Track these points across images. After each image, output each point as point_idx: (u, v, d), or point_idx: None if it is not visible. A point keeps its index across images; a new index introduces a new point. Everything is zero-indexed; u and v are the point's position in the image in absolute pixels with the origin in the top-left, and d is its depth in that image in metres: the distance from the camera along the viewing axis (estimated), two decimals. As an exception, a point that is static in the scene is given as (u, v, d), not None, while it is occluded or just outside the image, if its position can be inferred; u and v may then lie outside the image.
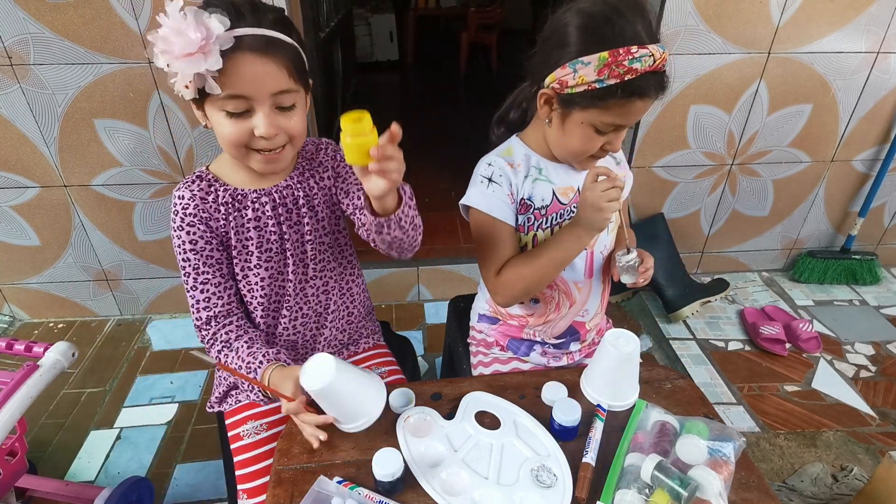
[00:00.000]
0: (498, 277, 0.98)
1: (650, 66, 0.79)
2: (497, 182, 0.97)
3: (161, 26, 0.73)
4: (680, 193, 2.07)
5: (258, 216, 0.93)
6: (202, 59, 0.72)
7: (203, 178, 0.92)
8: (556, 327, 1.09)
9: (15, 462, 1.18)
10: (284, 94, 0.80)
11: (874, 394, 1.73)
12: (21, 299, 2.00)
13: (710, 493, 0.69)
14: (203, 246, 0.91)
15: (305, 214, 0.97)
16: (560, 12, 0.85)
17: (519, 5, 5.35)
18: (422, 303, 2.17)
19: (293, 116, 0.83)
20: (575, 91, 0.83)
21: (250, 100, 0.79)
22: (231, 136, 0.81)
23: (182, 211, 0.89)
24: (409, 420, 0.83)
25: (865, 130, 1.99)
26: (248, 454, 0.95)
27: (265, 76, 0.78)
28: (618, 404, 0.85)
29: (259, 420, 1.00)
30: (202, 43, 0.71)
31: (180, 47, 0.71)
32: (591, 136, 0.88)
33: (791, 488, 1.43)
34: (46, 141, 1.67)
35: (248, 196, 0.93)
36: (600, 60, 0.79)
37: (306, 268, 1.00)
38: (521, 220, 0.99)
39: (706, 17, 1.71)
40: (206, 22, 0.71)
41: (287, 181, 0.95)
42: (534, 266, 0.95)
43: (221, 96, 0.77)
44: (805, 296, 2.20)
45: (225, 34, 0.72)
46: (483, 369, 1.14)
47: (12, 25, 1.49)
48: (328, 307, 1.06)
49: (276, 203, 0.94)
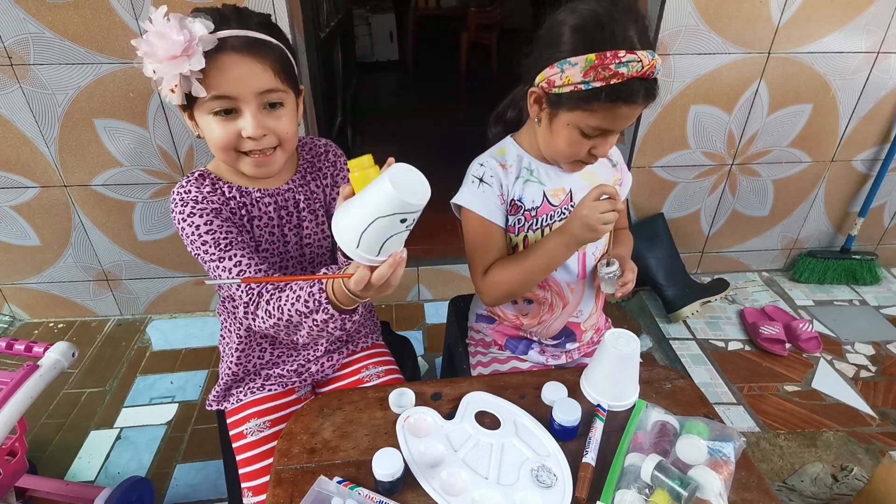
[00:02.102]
0: (484, 277, 1.00)
1: (638, 72, 0.78)
2: (488, 182, 0.98)
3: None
4: (680, 193, 2.07)
5: (261, 216, 0.94)
6: (185, 61, 0.73)
7: (206, 176, 0.91)
8: (551, 328, 1.09)
9: (15, 462, 1.18)
10: (270, 93, 0.81)
11: (874, 394, 1.73)
12: (21, 299, 2.00)
13: (710, 493, 0.69)
14: (220, 224, 0.86)
15: (305, 218, 0.97)
16: (558, 11, 0.85)
17: (519, 5, 5.36)
18: (422, 303, 2.17)
19: (281, 117, 0.83)
20: (562, 91, 0.83)
21: (236, 100, 0.79)
22: (220, 139, 0.81)
23: (192, 201, 0.86)
24: (409, 420, 0.83)
25: (865, 130, 1.99)
26: (251, 452, 0.95)
27: (250, 76, 0.78)
28: (618, 404, 0.85)
29: (262, 418, 1.00)
30: (185, 45, 0.72)
31: (164, 50, 0.72)
32: (578, 138, 0.88)
33: (791, 488, 1.43)
34: (46, 141, 1.67)
35: (253, 195, 0.93)
36: (587, 62, 0.79)
37: (304, 271, 1.01)
38: (512, 221, 1.00)
39: (706, 17, 1.71)
40: (189, 25, 0.72)
41: (289, 184, 0.96)
42: (519, 269, 0.97)
43: (207, 98, 0.78)
44: (805, 296, 2.20)
45: (208, 36, 0.73)
46: (482, 369, 1.14)
47: (12, 25, 1.49)
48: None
49: (279, 205, 0.95)
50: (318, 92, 1.88)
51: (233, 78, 0.77)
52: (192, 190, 0.88)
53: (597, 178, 1.02)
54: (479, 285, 1.01)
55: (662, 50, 1.74)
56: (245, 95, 0.79)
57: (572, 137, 0.89)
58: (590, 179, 1.01)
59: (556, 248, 0.93)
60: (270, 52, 0.80)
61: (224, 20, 0.77)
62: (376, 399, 0.88)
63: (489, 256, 0.99)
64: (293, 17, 1.61)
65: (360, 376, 1.09)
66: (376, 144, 3.45)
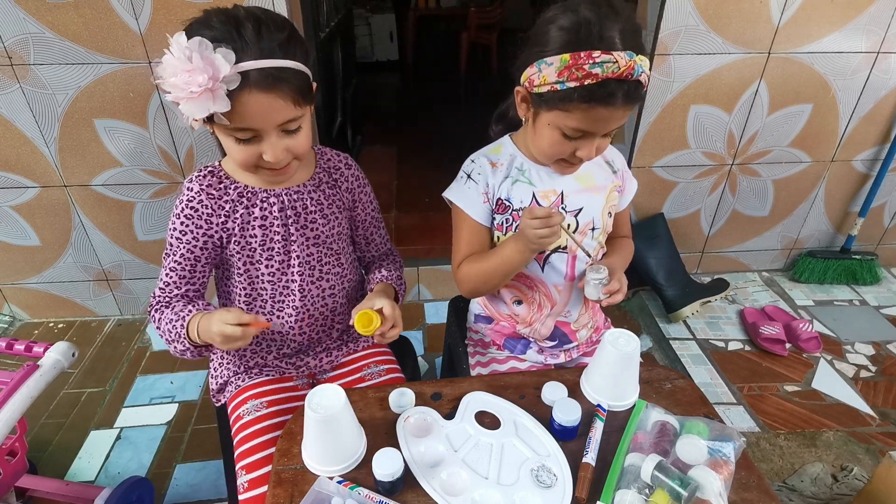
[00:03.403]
0: (458, 269, 1.03)
1: (613, 73, 0.77)
2: (474, 180, 0.99)
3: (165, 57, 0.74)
4: (680, 193, 2.07)
5: (265, 215, 0.95)
6: (210, 100, 0.73)
7: (215, 173, 0.94)
8: (542, 329, 1.09)
9: (15, 462, 1.18)
10: (290, 122, 0.83)
11: (874, 394, 1.73)
12: (21, 299, 2.00)
13: (710, 493, 0.69)
14: (190, 240, 0.93)
15: (317, 220, 0.99)
16: (546, 10, 0.85)
17: (519, 5, 5.36)
18: (422, 303, 2.17)
19: (299, 136, 0.86)
20: (541, 91, 0.83)
21: (257, 130, 0.81)
22: (241, 159, 0.85)
23: (188, 202, 0.92)
24: (409, 420, 0.83)
25: (865, 130, 1.99)
26: (246, 431, 0.96)
27: (271, 111, 0.79)
28: (618, 404, 0.85)
29: (259, 399, 1.01)
30: (209, 84, 0.72)
31: (185, 85, 0.72)
32: (559, 139, 0.88)
33: (791, 488, 1.43)
34: (46, 141, 1.67)
35: (258, 195, 0.95)
36: (561, 62, 0.79)
37: (312, 270, 1.02)
38: (500, 220, 1.00)
39: (706, 17, 1.71)
40: (212, 59, 0.72)
41: (299, 188, 0.97)
42: (482, 268, 0.99)
43: (229, 127, 0.79)
44: (805, 296, 2.20)
45: (231, 74, 0.73)
46: (481, 369, 1.14)
47: (12, 25, 1.49)
48: (335, 310, 1.08)
49: (285, 205, 0.96)
50: (319, 92, 1.88)
51: (255, 114, 0.78)
52: (195, 187, 0.92)
53: (592, 182, 1.01)
54: (455, 275, 1.05)
55: (662, 50, 1.74)
56: (266, 127, 0.81)
57: (553, 138, 0.89)
58: (584, 182, 1.01)
59: (512, 254, 0.94)
60: (292, 82, 0.79)
61: (245, 45, 0.75)
62: (376, 399, 0.88)
63: (465, 250, 1.02)
64: (293, 17, 1.61)
65: (362, 374, 1.10)
66: (376, 144, 3.44)
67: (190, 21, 0.78)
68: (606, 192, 1.03)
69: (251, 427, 0.96)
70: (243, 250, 0.97)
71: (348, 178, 1.04)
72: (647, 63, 0.80)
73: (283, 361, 1.08)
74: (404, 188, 2.84)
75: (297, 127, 0.85)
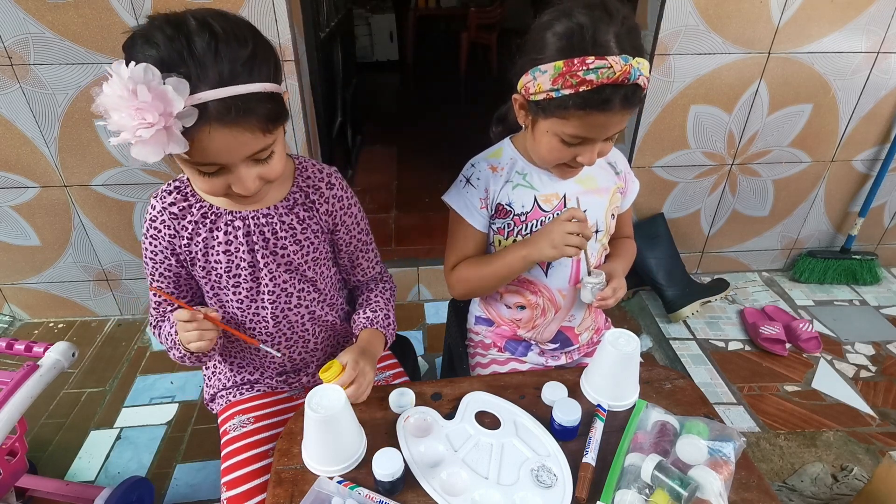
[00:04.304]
0: (452, 272, 1.04)
1: (609, 79, 0.76)
2: (473, 184, 0.99)
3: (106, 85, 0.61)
4: (680, 193, 2.07)
5: (229, 239, 0.87)
6: (164, 142, 0.62)
7: (181, 189, 0.86)
8: (545, 333, 1.09)
9: (15, 462, 1.18)
10: (260, 152, 0.72)
11: (874, 394, 1.73)
12: (21, 299, 2.00)
13: (710, 493, 0.69)
14: (161, 259, 0.89)
15: (288, 246, 0.89)
16: (541, 15, 0.84)
17: (519, 5, 5.36)
18: (422, 303, 2.17)
19: (272, 162, 0.75)
20: (537, 98, 0.83)
21: (223, 164, 0.71)
22: (207, 190, 0.76)
23: (150, 222, 0.86)
24: (409, 420, 0.83)
25: (865, 130, 1.99)
26: (230, 447, 0.95)
27: (236, 145, 0.68)
28: (618, 404, 0.85)
29: (246, 415, 1.00)
30: (161, 123, 0.61)
31: (134, 131, 0.61)
32: (558, 146, 0.87)
33: (791, 488, 1.43)
34: (46, 141, 1.67)
35: (223, 216, 0.86)
36: (555, 69, 0.78)
37: (289, 297, 0.94)
38: (501, 224, 1.00)
39: (706, 17, 1.71)
40: (162, 91, 0.59)
41: (269, 210, 0.87)
42: (479, 273, 1.00)
43: (190, 161, 0.70)
44: (805, 296, 2.20)
45: (186, 109, 0.61)
46: (481, 370, 1.14)
47: (12, 25, 1.49)
48: (315, 333, 1.01)
49: (251, 229, 0.87)
50: (318, 92, 1.88)
51: (218, 150, 0.68)
52: (157, 206, 0.86)
53: (595, 184, 1.01)
54: (447, 277, 1.06)
55: (662, 50, 1.74)
56: (234, 161, 0.71)
57: (552, 144, 0.88)
58: (587, 184, 1.00)
59: (515, 260, 0.94)
60: (258, 111, 0.67)
61: (199, 69, 0.62)
62: (376, 399, 0.88)
63: (459, 254, 1.03)
64: (293, 17, 1.61)
65: None
66: (376, 144, 3.44)
67: (130, 32, 0.65)
68: (609, 194, 1.02)
69: (236, 443, 0.95)
70: (209, 275, 0.90)
71: (328, 200, 0.92)
72: (645, 65, 0.79)
73: (273, 379, 1.05)
74: (404, 188, 2.84)
75: (270, 153, 0.74)
